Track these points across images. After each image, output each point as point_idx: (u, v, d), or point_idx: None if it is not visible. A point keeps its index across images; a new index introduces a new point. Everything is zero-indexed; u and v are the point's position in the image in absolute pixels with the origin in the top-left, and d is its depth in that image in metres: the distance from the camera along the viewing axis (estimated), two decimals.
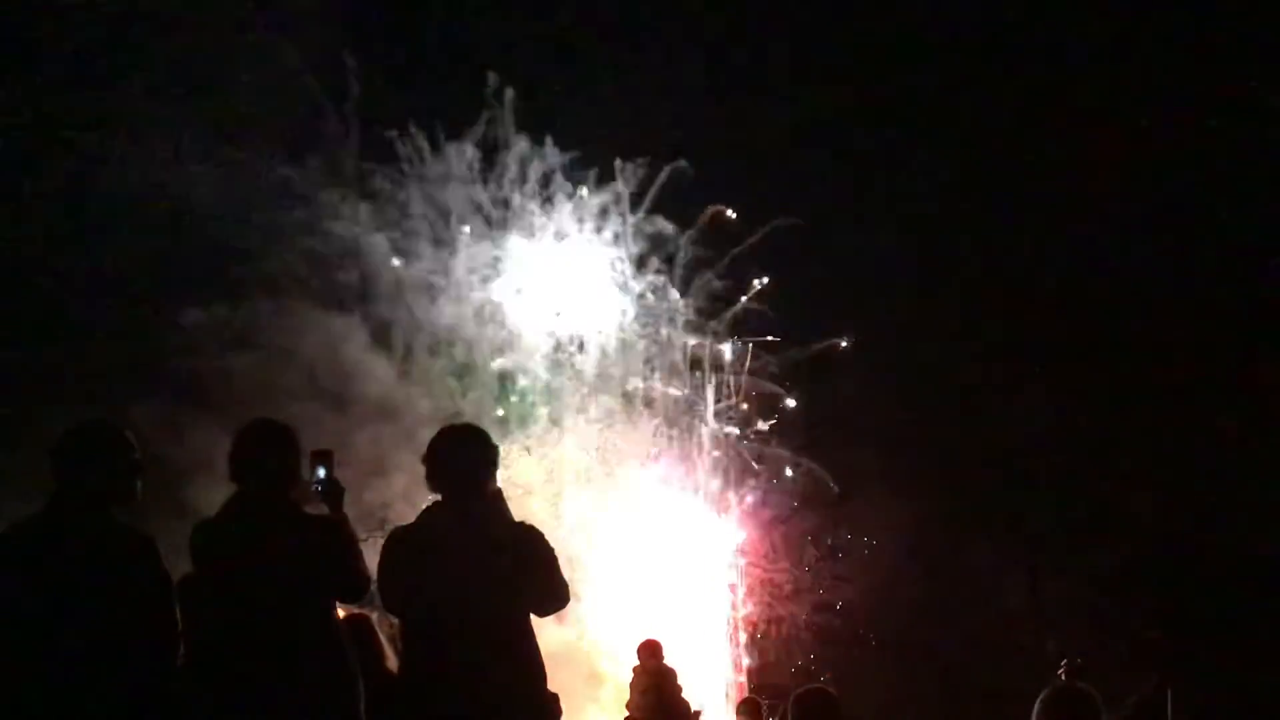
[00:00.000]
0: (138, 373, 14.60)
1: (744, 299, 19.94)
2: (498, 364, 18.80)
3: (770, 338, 19.97)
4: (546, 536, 4.83)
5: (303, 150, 17.81)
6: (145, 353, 14.97)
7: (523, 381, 18.91)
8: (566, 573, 4.92)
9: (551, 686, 4.80)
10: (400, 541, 4.79)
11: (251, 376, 15.31)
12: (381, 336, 17.81)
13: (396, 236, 18.70)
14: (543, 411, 18.73)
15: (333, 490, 4.76)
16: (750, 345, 19.83)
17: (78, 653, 4.12)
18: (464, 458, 4.81)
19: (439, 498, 4.84)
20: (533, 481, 17.32)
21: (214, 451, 12.00)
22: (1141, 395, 18.10)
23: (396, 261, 18.50)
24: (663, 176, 19.68)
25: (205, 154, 16.24)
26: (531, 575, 4.69)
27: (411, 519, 4.94)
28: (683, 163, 19.56)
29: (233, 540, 4.56)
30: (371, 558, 4.76)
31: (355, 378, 16.62)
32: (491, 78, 18.99)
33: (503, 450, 5.21)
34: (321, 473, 4.76)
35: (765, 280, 19.77)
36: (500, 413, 18.72)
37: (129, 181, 15.63)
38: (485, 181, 19.52)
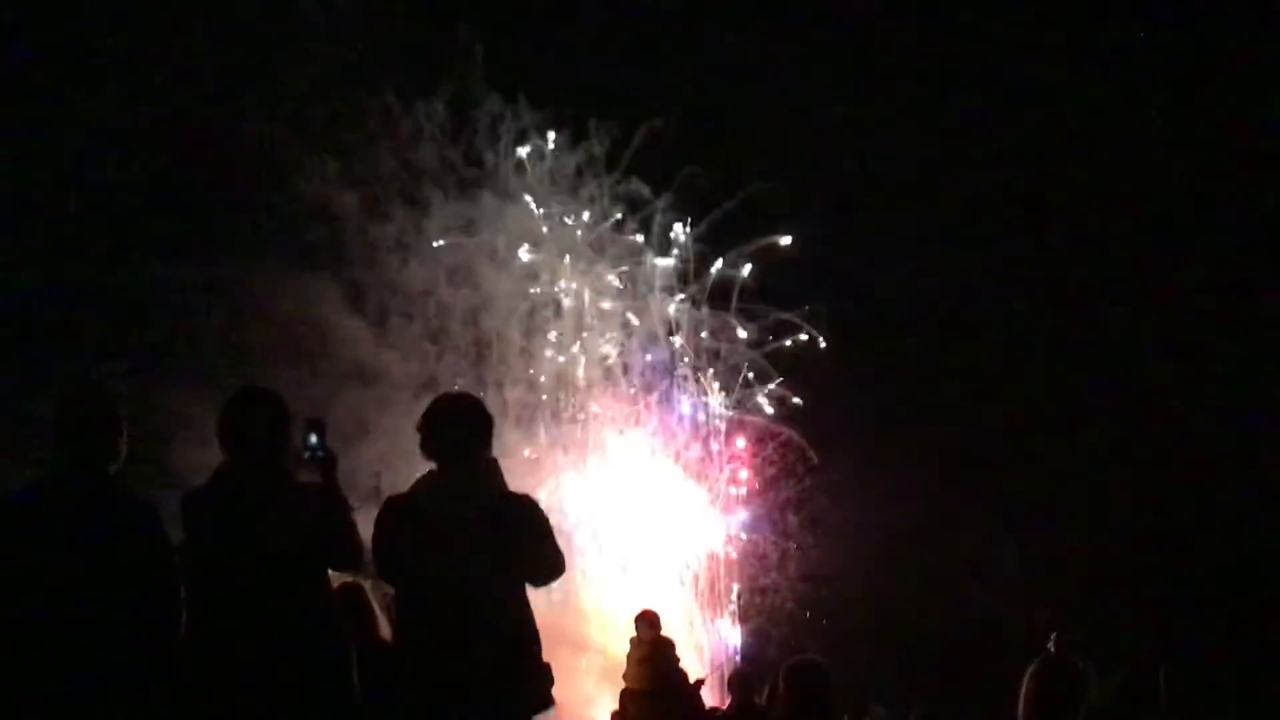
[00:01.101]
0: (104, 331, 14.45)
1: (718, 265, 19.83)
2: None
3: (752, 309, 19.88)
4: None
5: (269, 105, 17.46)
6: (112, 311, 14.81)
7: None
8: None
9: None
10: (395, 510, 4.83)
11: (222, 336, 15.18)
12: (354, 298, 17.64)
13: (366, 196, 18.46)
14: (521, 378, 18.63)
15: (325, 458, 4.71)
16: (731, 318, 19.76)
17: (81, 617, 4.19)
18: (459, 427, 4.83)
19: (433, 466, 4.85)
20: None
21: (186, 413, 11.94)
22: (1130, 370, 18.31)
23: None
24: (639, 137, 19.49)
25: (169, 110, 15.98)
26: (526, 545, 4.72)
27: (386, 484, 4.92)
28: (659, 122, 19.35)
29: (224, 509, 4.56)
30: (364, 526, 4.76)
31: (330, 340, 16.47)
32: (461, 31, 18.73)
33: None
34: (313, 440, 4.70)
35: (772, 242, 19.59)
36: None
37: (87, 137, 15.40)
38: (457, 140, 19.27)
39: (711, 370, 19.81)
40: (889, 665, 17.22)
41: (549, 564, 4.80)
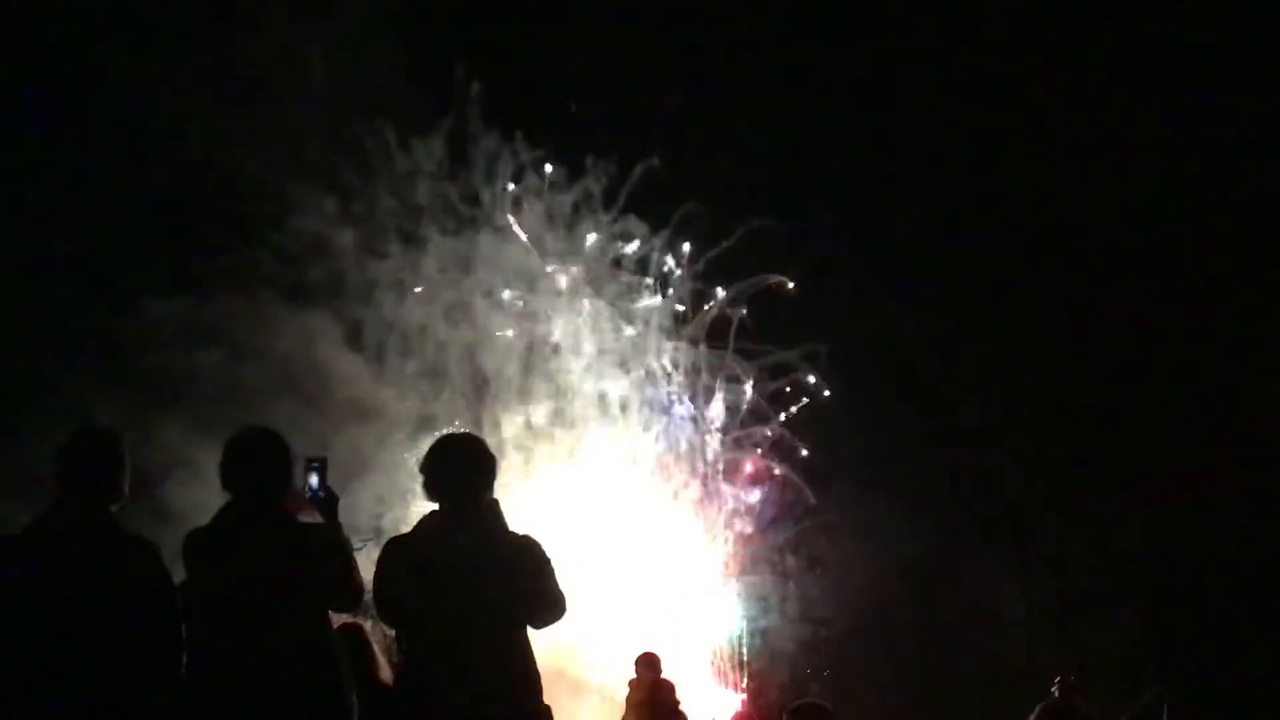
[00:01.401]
0: (101, 369, 14.44)
1: (714, 302, 19.83)
2: None
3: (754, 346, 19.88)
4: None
5: (266, 142, 17.51)
6: (109, 348, 14.79)
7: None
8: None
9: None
10: (397, 550, 4.82)
11: (220, 374, 15.16)
12: (351, 335, 17.64)
13: (364, 233, 18.48)
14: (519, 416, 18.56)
15: (326, 498, 4.76)
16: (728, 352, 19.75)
17: (83, 656, 4.22)
18: (462, 467, 4.82)
19: (435, 506, 4.83)
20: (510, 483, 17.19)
21: (182, 451, 11.90)
22: (1135, 410, 18.32)
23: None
24: (635, 175, 19.56)
25: (168, 143, 16.03)
26: (528, 586, 4.70)
27: (386, 522, 4.93)
28: (655, 160, 19.43)
29: (226, 549, 4.56)
30: (365, 566, 4.75)
31: (327, 377, 16.44)
32: (459, 70, 18.80)
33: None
34: (314, 480, 4.74)
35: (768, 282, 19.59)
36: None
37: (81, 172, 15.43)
38: (454, 177, 19.34)
39: (709, 409, 19.77)
40: (892, 705, 17.11)
41: (550, 605, 4.76)
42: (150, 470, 11.20)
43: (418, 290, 18.42)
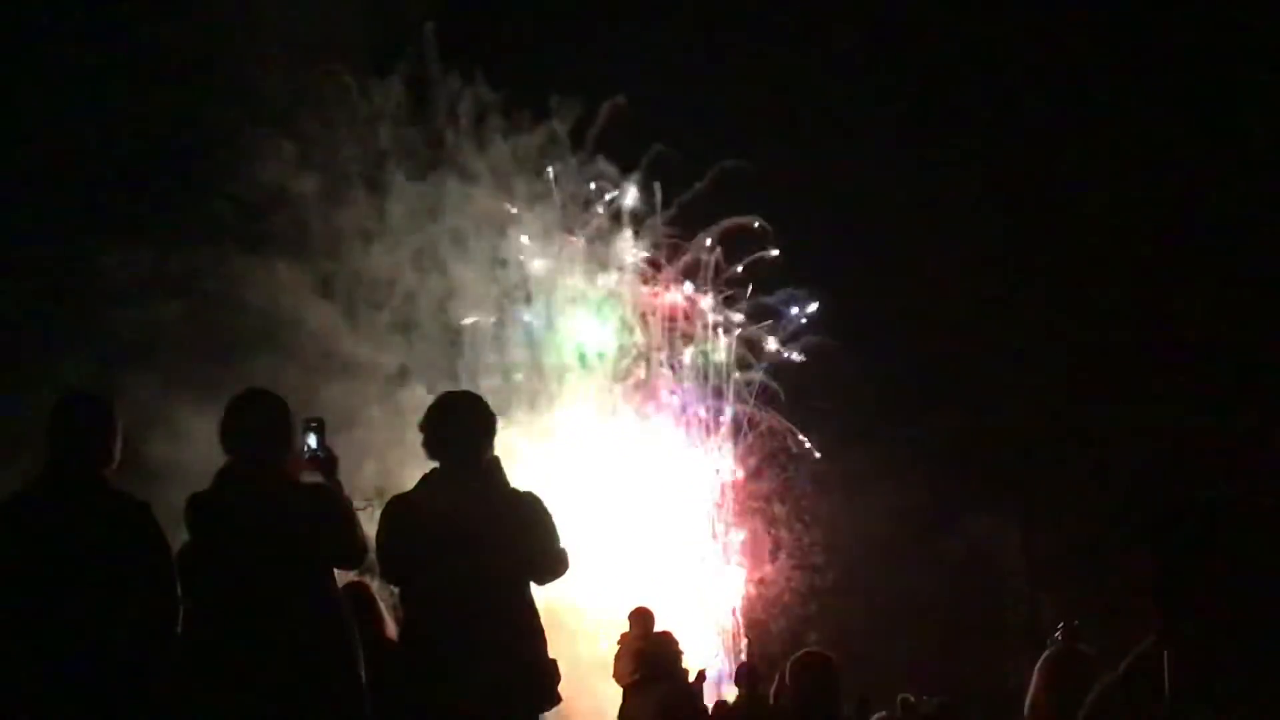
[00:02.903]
0: (65, 327, 14.31)
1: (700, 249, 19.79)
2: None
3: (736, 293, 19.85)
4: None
5: (222, 89, 17.23)
6: (72, 305, 14.65)
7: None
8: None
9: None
10: (399, 509, 4.93)
11: (188, 329, 15.04)
12: (320, 287, 17.48)
13: (326, 180, 18.23)
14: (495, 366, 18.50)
15: (326, 458, 4.84)
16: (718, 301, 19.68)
17: (82, 619, 4.31)
18: (462, 425, 4.92)
19: (436, 465, 4.93)
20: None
21: (157, 408, 11.81)
22: (1138, 353, 18.49)
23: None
24: (602, 114, 19.39)
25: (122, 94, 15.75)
26: (530, 542, 4.81)
27: (368, 474, 5.04)
28: (621, 98, 19.28)
29: (228, 511, 4.66)
30: (369, 527, 4.84)
31: (298, 330, 16.32)
32: (411, 9, 18.54)
33: None
34: (313, 441, 4.83)
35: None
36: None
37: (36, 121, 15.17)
38: (415, 121, 19.12)
39: (689, 355, 19.78)
40: (893, 655, 17.30)
41: (553, 561, 4.89)
42: (127, 428, 11.07)
43: (384, 238, 18.22)
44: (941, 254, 19.70)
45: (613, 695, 10.30)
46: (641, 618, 10.03)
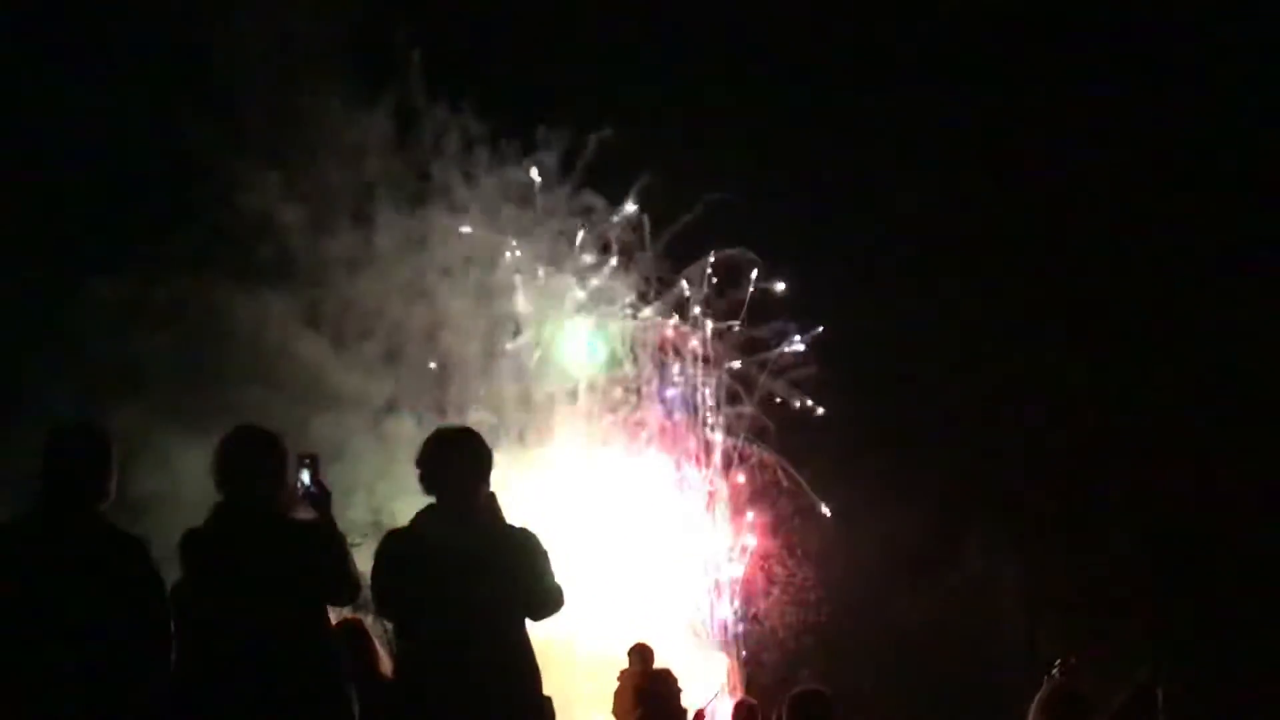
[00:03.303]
0: (49, 353, 14.25)
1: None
2: None
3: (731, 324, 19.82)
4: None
5: (206, 118, 17.20)
6: (56, 336, 14.60)
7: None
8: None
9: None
10: (394, 545, 4.94)
11: (173, 359, 14.98)
12: (306, 317, 17.42)
13: (312, 211, 18.19)
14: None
15: (319, 494, 4.88)
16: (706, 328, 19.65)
17: (74, 655, 4.32)
18: (458, 461, 4.95)
19: (432, 500, 4.96)
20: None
21: (143, 439, 11.71)
22: (1136, 394, 18.54)
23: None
24: (590, 146, 19.40)
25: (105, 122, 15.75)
26: (525, 579, 4.84)
27: (357, 507, 5.03)
28: (608, 131, 19.32)
29: (222, 548, 4.72)
30: (363, 563, 4.88)
31: (284, 361, 16.27)
32: (399, 38, 18.52)
33: None
34: (306, 477, 4.87)
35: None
36: None
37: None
38: (402, 151, 19.12)
39: (679, 388, 19.73)
40: (889, 690, 17.24)
41: (548, 598, 4.90)
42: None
43: (371, 269, 18.19)
44: (937, 283, 19.76)
45: None
46: (641, 654, 10.07)
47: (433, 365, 18.35)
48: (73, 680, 4.30)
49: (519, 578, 4.79)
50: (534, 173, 19.43)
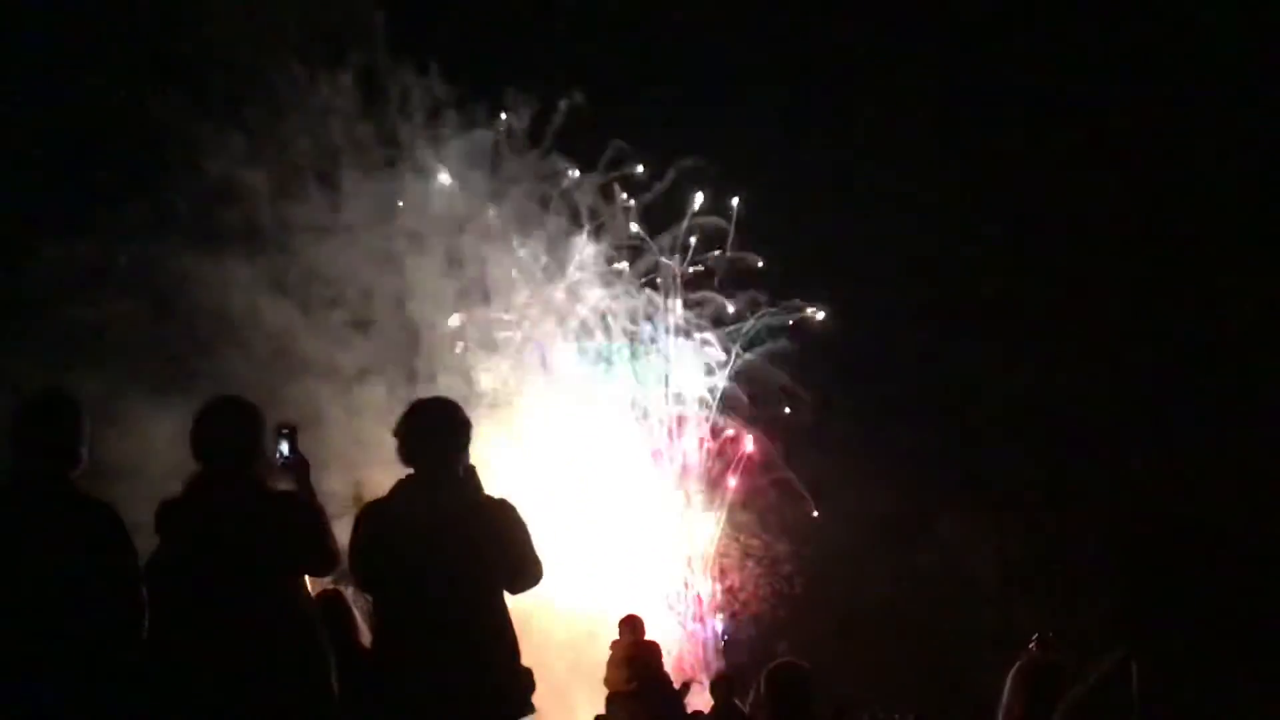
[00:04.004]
0: (10, 319, 14.08)
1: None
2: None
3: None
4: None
5: (167, 79, 16.95)
6: (17, 302, 14.43)
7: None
8: None
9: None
10: (371, 516, 4.94)
11: (138, 326, 14.83)
12: (274, 285, 17.27)
13: (277, 176, 18.00)
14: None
15: (298, 464, 4.89)
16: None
17: (45, 623, 4.32)
18: (436, 432, 4.95)
19: (411, 471, 4.95)
20: None
21: (110, 405, 11.61)
22: (1112, 366, 18.69)
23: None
24: (559, 111, 19.30)
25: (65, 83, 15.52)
26: (504, 550, 4.83)
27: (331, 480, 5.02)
28: (578, 96, 19.22)
29: (198, 518, 4.68)
30: (342, 534, 4.85)
31: (253, 329, 16.14)
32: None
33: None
34: (285, 447, 4.88)
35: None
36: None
37: None
38: (368, 115, 18.94)
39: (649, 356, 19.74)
40: (867, 664, 17.36)
41: (526, 569, 4.89)
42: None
43: (338, 235, 18.05)
44: (914, 253, 19.83)
45: (586, 703, 10.28)
46: (632, 625, 10.07)
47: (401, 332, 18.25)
48: (44, 647, 4.29)
49: (497, 549, 4.77)
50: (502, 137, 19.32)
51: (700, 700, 11.13)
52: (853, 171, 20.17)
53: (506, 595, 4.91)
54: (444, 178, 19.19)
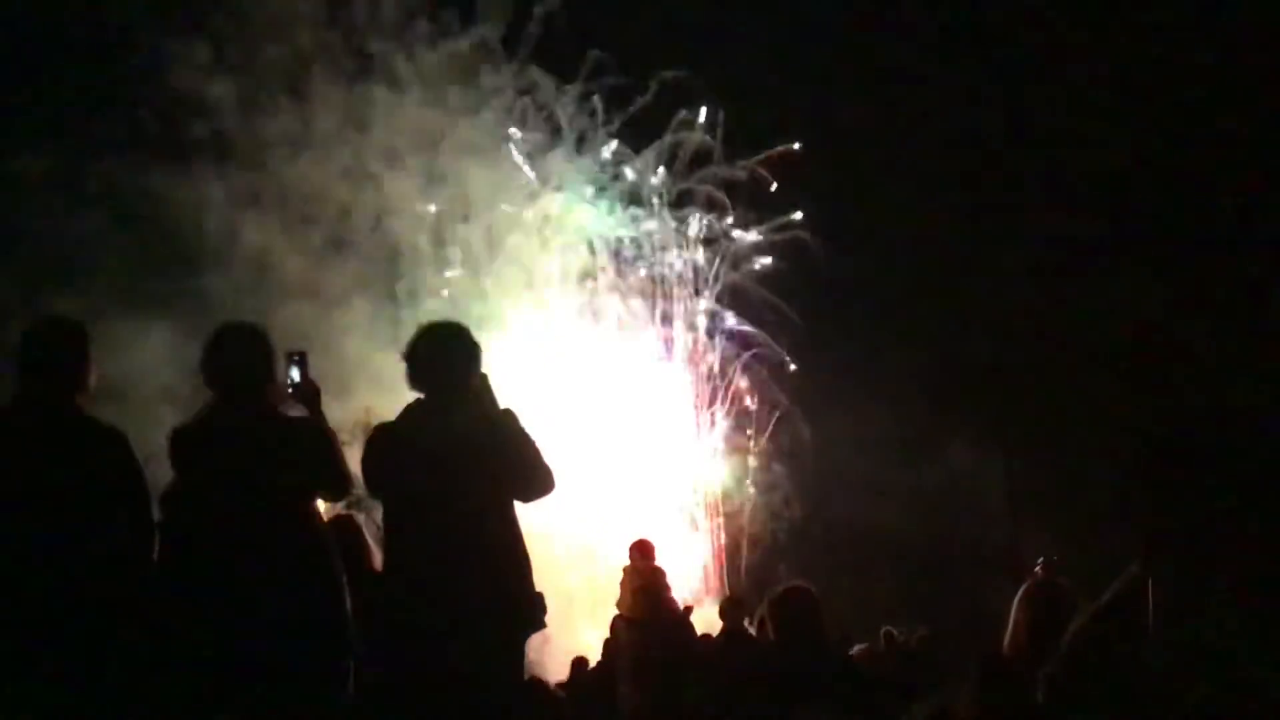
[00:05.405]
0: None
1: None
2: None
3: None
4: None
5: None
6: None
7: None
8: None
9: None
10: (382, 437, 4.98)
11: (114, 243, 14.60)
12: (246, 201, 17.02)
13: (245, 86, 17.62)
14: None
15: (308, 390, 4.91)
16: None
17: (55, 546, 4.35)
18: (445, 356, 4.96)
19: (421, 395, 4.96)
20: None
21: (91, 326, 11.42)
22: (1124, 287, 18.68)
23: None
24: (535, 20, 18.98)
25: None
26: (511, 460, 4.84)
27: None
28: (555, 3, 18.91)
29: (211, 445, 4.71)
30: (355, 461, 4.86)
31: (230, 246, 15.94)
32: None
33: None
34: (296, 374, 4.90)
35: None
36: None
37: None
38: (337, 24, 18.56)
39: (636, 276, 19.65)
40: (870, 586, 17.50)
41: (534, 476, 4.89)
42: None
43: (311, 150, 17.74)
44: (923, 176, 19.63)
45: (591, 624, 10.34)
46: (642, 549, 10.12)
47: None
48: (54, 570, 4.30)
49: (503, 460, 4.78)
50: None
51: (699, 623, 11.26)
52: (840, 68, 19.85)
53: (519, 507, 4.88)
54: (417, 90, 18.80)
